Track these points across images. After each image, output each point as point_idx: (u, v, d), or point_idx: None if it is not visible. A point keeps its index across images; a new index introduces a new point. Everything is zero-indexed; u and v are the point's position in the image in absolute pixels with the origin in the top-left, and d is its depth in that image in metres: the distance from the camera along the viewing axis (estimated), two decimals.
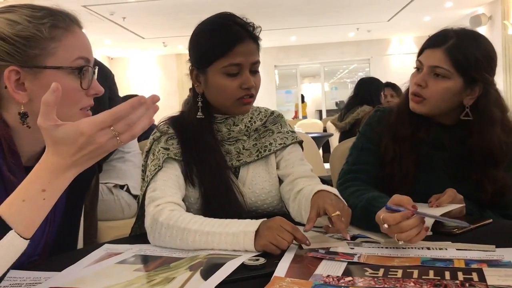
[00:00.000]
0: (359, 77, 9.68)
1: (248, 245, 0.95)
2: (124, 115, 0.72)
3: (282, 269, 0.83)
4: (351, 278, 0.79)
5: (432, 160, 1.33)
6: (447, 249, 0.93)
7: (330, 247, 0.97)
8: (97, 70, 0.98)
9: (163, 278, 0.82)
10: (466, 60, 1.23)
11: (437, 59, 1.26)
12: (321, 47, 11.71)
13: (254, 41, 1.21)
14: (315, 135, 5.21)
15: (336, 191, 1.10)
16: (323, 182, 1.28)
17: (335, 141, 5.02)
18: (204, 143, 1.23)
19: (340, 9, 8.37)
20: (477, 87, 1.27)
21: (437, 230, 1.07)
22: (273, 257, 0.90)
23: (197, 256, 0.94)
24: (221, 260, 0.89)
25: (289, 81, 14.56)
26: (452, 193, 1.19)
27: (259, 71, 1.24)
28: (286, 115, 1.42)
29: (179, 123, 1.28)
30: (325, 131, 6.28)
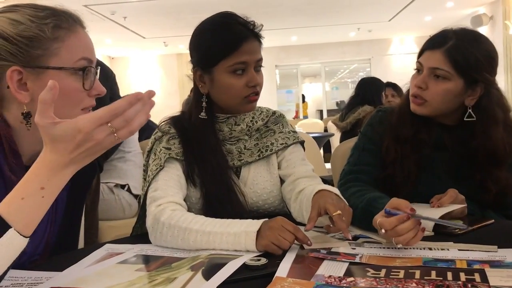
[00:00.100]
0: (360, 77, 9.67)
1: (249, 245, 0.95)
2: (121, 111, 0.72)
3: (283, 269, 0.83)
4: (353, 278, 0.79)
5: (433, 160, 1.32)
6: (449, 250, 0.93)
7: (331, 247, 0.97)
8: (99, 70, 0.98)
9: (165, 278, 0.82)
10: (466, 61, 1.23)
11: (437, 61, 1.25)
12: (322, 47, 11.71)
13: (257, 39, 1.22)
14: (316, 135, 5.21)
15: (337, 191, 1.10)
16: (324, 182, 1.28)
17: (336, 141, 5.02)
18: (205, 143, 1.23)
19: (341, 9, 8.37)
20: (479, 88, 1.26)
21: (439, 230, 1.06)
22: (274, 257, 0.90)
23: (198, 256, 0.94)
24: (222, 260, 0.89)
25: (290, 81, 14.57)
26: (453, 194, 1.19)
27: (263, 66, 1.25)
28: (286, 115, 1.42)
29: (180, 123, 1.28)
30: (326, 131, 6.28)
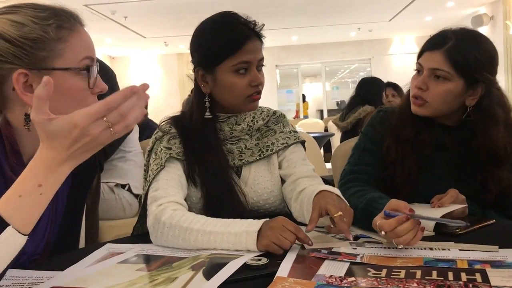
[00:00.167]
0: (360, 77, 9.68)
1: (250, 245, 0.95)
2: (116, 105, 0.72)
3: (284, 269, 0.83)
4: (354, 278, 0.79)
5: (434, 161, 1.32)
6: (449, 250, 0.93)
7: (332, 247, 0.97)
8: (98, 66, 0.98)
9: (165, 278, 0.82)
10: (465, 61, 1.23)
11: (437, 62, 1.25)
12: (322, 47, 11.71)
13: (258, 38, 1.22)
14: (316, 134, 5.21)
15: (338, 192, 1.10)
16: (325, 182, 1.28)
17: (336, 141, 5.02)
18: (206, 142, 1.23)
19: (341, 9, 8.37)
20: (479, 87, 1.26)
21: (440, 230, 1.06)
22: (275, 257, 0.90)
23: (199, 256, 0.94)
24: (223, 260, 0.89)
25: (290, 81, 14.57)
26: (454, 194, 1.19)
27: (264, 65, 1.25)
28: (287, 114, 1.42)
29: (181, 122, 1.28)
30: (326, 130, 6.28)
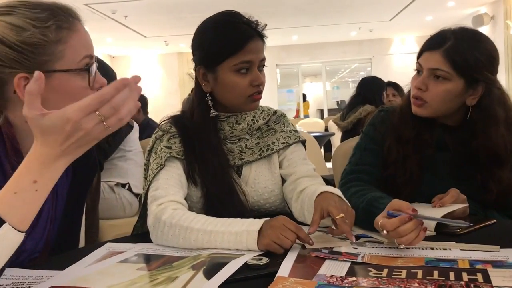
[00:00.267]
0: (360, 77, 9.68)
1: (251, 244, 0.95)
2: (108, 97, 0.71)
3: (285, 268, 0.83)
4: (355, 278, 0.78)
5: (435, 161, 1.32)
6: (451, 250, 0.93)
7: (333, 247, 0.96)
8: (96, 62, 0.97)
9: (166, 277, 0.82)
10: (465, 60, 1.22)
11: (436, 62, 1.24)
12: (322, 46, 11.70)
13: (260, 38, 1.22)
14: (317, 134, 5.21)
15: (339, 192, 1.09)
16: (325, 181, 1.27)
17: (336, 140, 5.02)
18: (206, 141, 1.23)
19: (342, 8, 8.36)
20: (480, 87, 1.25)
21: (441, 230, 1.06)
22: (276, 257, 0.90)
23: (199, 255, 0.94)
24: (224, 259, 0.89)
25: (291, 80, 14.57)
26: (455, 193, 1.19)
27: (265, 66, 1.24)
28: (287, 114, 1.42)
29: (181, 121, 1.28)
30: (327, 130, 6.28)
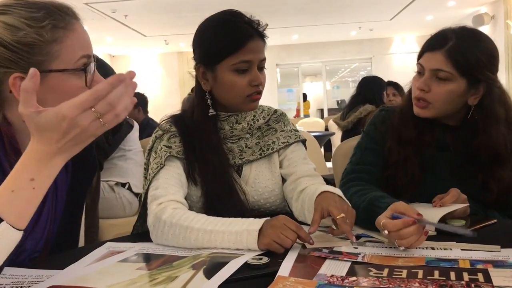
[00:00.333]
0: (360, 76, 9.67)
1: (251, 244, 0.94)
2: (104, 93, 0.71)
3: (285, 268, 0.83)
4: (355, 278, 0.78)
5: (436, 161, 1.31)
6: (451, 249, 0.93)
7: (333, 247, 0.96)
8: (95, 60, 0.97)
9: (166, 277, 0.82)
10: (467, 61, 1.22)
11: (438, 62, 1.24)
12: (323, 46, 11.69)
13: (261, 38, 1.21)
14: (317, 133, 5.21)
15: (339, 192, 1.09)
16: (325, 181, 1.27)
17: (336, 140, 5.01)
18: (207, 141, 1.22)
19: (342, 8, 8.35)
20: (481, 86, 1.25)
21: (441, 230, 1.06)
22: (276, 256, 0.90)
23: (200, 254, 0.94)
24: (224, 259, 0.89)
25: (291, 80, 14.57)
26: (455, 193, 1.19)
27: (265, 68, 1.24)
28: (287, 113, 1.42)
29: (181, 121, 1.27)
30: (327, 130, 6.28)
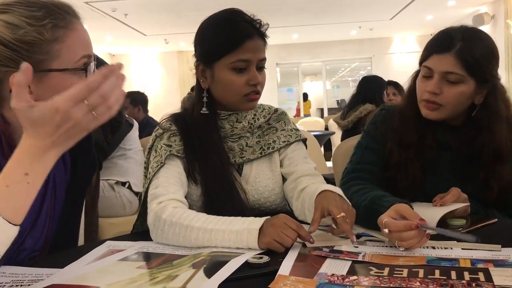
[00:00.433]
0: (360, 76, 9.65)
1: (251, 243, 0.94)
2: (96, 85, 0.71)
3: (286, 267, 0.83)
4: (356, 277, 0.78)
5: (438, 161, 1.31)
6: (452, 249, 0.93)
7: (334, 246, 0.96)
8: (95, 60, 0.97)
9: (166, 275, 0.82)
10: (476, 61, 1.21)
11: (449, 65, 1.22)
12: (323, 45, 11.68)
13: (261, 37, 1.21)
14: (317, 133, 5.21)
15: (340, 191, 1.09)
16: (325, 180, 1.27)
17: (336, 139, 5.02)
18: (207, 139, 1.22)
19: (342, 7, 8.35)
20: (486, 85, 1.25)
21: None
22: (277, 255, 0.89)
23: (200, 253, 0.94)
24: (224, 258, 0.89)
25: (291, 79, 14.57)
26: (456, 192, 1.19)
27: (265, 68, 1.24)
28: (287, 113, 1.42)
29: (181, 119, 1.27)
30: (327, 129, 6.28)
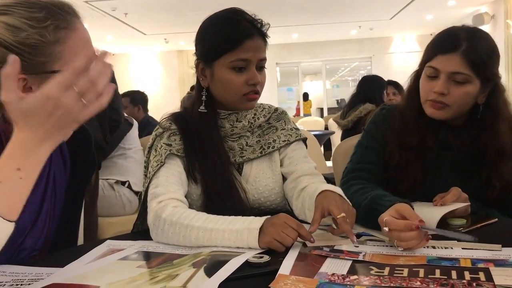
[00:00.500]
0: (360, 75, 9.66)
1: (252, 242, 0.94)
2: (81, 67, 0.72)
3: (286, 266, 0.83)
4: (356, 276, 0.78)
5: (438, 161, 1.31)
6: (452, 248, 0.93)
7: (334, 245, 0.96)
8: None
9: (166, 275, 0.81)
10: (481, 60, 1.21)
11: (456, 65, 1.22)
12: (323, 45, 11.68)
13: (262, 37, 1.21)
14: (317, 132, 5.21)
15: (340, 191, 1.09)
16: (326, 180, 1.27)
17: (336, 139, 5.02)
18: (207, 139, 1.22)
19: (342, 7, 8.35)
20: (489, 84, 1.26)
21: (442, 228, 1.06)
22: (277, 255, 0.89)
23: (200, 253, 0.94)
24: (224, 257, 0.89)
25: (291, 79, 14.59)
26: (456, 192, 1.18)
27: (265, 68, 1.24)
28: (287, 112, 1.42)
29: (181, 119, 1.27)
30: (327, 129, 6.28)
